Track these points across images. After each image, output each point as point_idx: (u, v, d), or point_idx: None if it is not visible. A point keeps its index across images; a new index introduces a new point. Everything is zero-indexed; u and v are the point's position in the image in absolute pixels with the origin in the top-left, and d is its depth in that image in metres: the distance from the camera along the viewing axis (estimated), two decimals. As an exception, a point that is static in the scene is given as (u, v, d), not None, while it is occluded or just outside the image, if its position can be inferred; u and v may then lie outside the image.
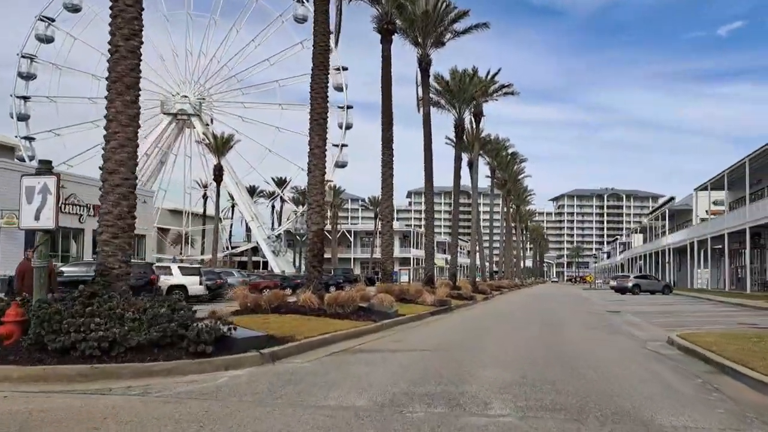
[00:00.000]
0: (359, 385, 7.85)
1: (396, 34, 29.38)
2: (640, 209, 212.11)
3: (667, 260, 67.55)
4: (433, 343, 12.82)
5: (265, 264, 73.93)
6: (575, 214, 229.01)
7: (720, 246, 52.33)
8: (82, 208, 36.94)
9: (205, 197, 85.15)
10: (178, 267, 29.70)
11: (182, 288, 27.76)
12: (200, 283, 28.54)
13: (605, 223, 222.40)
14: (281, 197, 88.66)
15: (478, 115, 46.88)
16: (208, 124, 73.38)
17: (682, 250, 64.91)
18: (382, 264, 26.24)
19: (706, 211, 61.12)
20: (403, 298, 22.60)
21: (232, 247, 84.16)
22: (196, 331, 8.84)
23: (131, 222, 10.72)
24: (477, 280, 47.06)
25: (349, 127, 72.15)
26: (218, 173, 57.29)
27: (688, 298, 40.23)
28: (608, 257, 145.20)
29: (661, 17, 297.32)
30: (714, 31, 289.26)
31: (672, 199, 78.76)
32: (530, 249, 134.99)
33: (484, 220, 68.57)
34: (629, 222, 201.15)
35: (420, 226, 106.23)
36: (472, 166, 50.42)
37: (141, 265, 26.91)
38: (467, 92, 39.69)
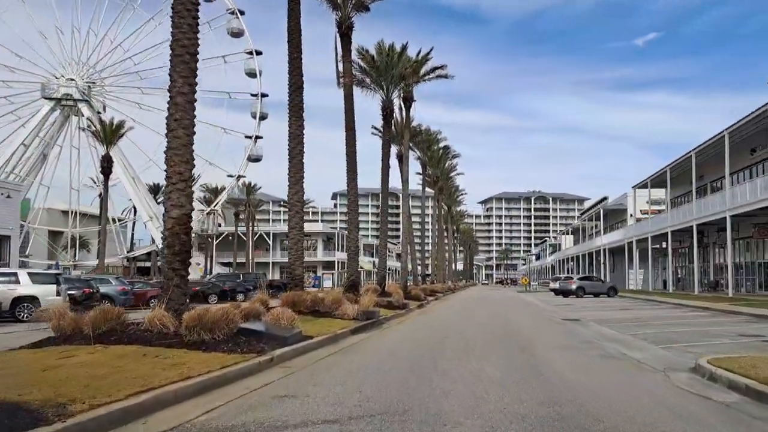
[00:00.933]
0: None
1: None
2: (567, 212, 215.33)
3: (602, 261, 65.05)
4: (352, 400, 7.26)
5: (174, 270, 65.93)
6: (503, 217, 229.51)
7: (657, 245, 49.75)
8: None
9: (101, 195, 76.05)
10: (28, 273, 23.02)
11: (33, 300, 21.65)
12: (58, 294, 22.11)
13: (533, 225, 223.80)
14: (187, 195, 80.00)
15: (408, 100, 41.76)
16: (99, 112, 64.10)
17: (616, 251, 62.50)
18: (290, 267, 20.32)
19: (641, 211, 59.03)
20: (315, 311, 17.23)
21: (130, 251, 75.10)
22: None
23: None
24: (409, 284, 42.03)
25: (263, 117, 65.25)
26: (107, 165, 49.25)
27: (637, 301, 36.77)
28: (537, 259, 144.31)
29: (583, 27, 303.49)
30: (631, 42, 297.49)
31: (605, 198, 76.71)
32: (461, 251, 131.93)
33: (415, 222, 63.76)
34: (556, 224, 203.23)
35: (346, 229, 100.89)
36: (402, 159, 45.29)
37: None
38: (396, 69, 34.53)
